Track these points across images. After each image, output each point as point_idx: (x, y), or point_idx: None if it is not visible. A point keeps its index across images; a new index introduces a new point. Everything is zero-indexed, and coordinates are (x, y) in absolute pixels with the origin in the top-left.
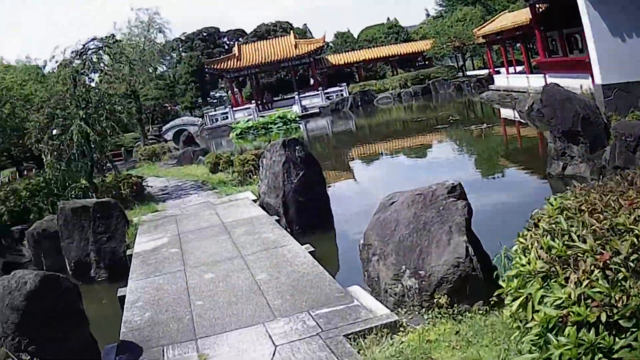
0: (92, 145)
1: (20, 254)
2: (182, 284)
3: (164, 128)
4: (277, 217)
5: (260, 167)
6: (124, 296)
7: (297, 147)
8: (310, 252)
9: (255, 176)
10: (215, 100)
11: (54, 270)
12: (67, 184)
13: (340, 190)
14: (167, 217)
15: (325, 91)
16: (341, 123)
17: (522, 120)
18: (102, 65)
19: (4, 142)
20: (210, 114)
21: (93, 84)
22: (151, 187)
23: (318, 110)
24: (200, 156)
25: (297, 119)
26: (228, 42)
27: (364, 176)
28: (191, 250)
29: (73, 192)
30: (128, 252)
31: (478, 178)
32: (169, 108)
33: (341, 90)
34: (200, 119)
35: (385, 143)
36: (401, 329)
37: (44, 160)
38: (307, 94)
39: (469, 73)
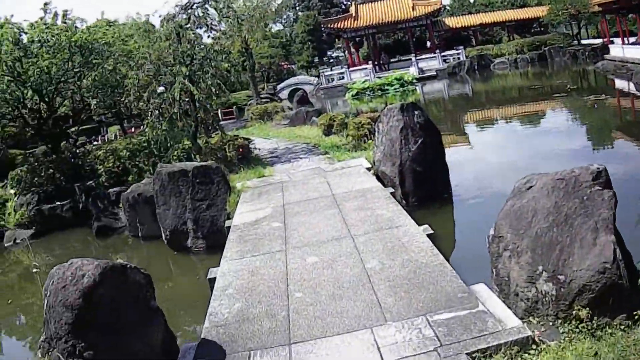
0: (197, 105)
1: (116, 217)
2: (282, 268)
3: (278, 86)
4: (392, 190)
5: (376, 132)
6: (214, 279)
7: (416, 112)
8: (428, 235)
9: (370, 141)
10: (332, 60)
11: (150, 237)
12: (169, 144)
13: (456, 157)
14: (273, 184)
15: (442, 54)
16: (458, 87)
17: (637, 93)
18: (208, 20)
19: (104, 99)
20: (327, 73)
21: (208, 41)
22: (259, 149)
23: (435, 73)
24: (313, 117)
25: (414, 81)
26: (345, 2)
27: (481, 143)
28: (295, 226)
29: (175, 154)
30: (227, 223)
31: (596, 152)
32: (284, 66)
33: (458, 54)
34: (316, 78)
35: (503, 109)
36: (533, 345)
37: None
38: (424, 56)
39: (583, 41)
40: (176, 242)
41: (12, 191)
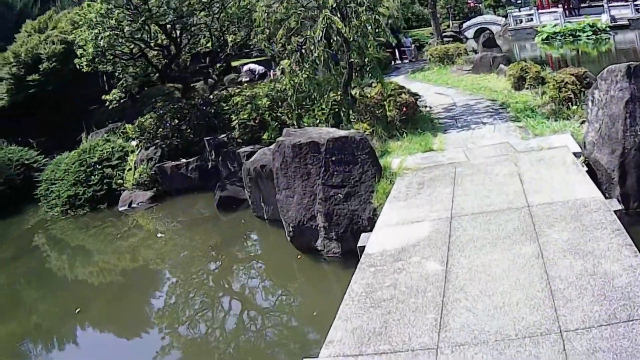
0: (350, 46)
1: (243, 186)
2: None
3: (464, 25)
4: (620, 207)
5: (590, 103)
6: None
7: None
8: None
9: (575, 107)
10: (519, 1)
11: (279, 222)
12: (313, 95)
13: None
14: (441, 168)
15: (635, 2)
16: None
17: None
18: None
19: (244, 35)
20: (514, 14)
21: None
22: (430, 107)
23: (627, 22)
24: (501, 64)
25: (608, 29)
26: None
27: None
28: (462, 280)
29: (323, 107)
30: (360, 240)
31: None
32: (470, 4)
33: None
34: (504, 19)
35: None
36: None
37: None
38: (615, 3)
39: None
40: (302, 241)
41: (135, 143)
